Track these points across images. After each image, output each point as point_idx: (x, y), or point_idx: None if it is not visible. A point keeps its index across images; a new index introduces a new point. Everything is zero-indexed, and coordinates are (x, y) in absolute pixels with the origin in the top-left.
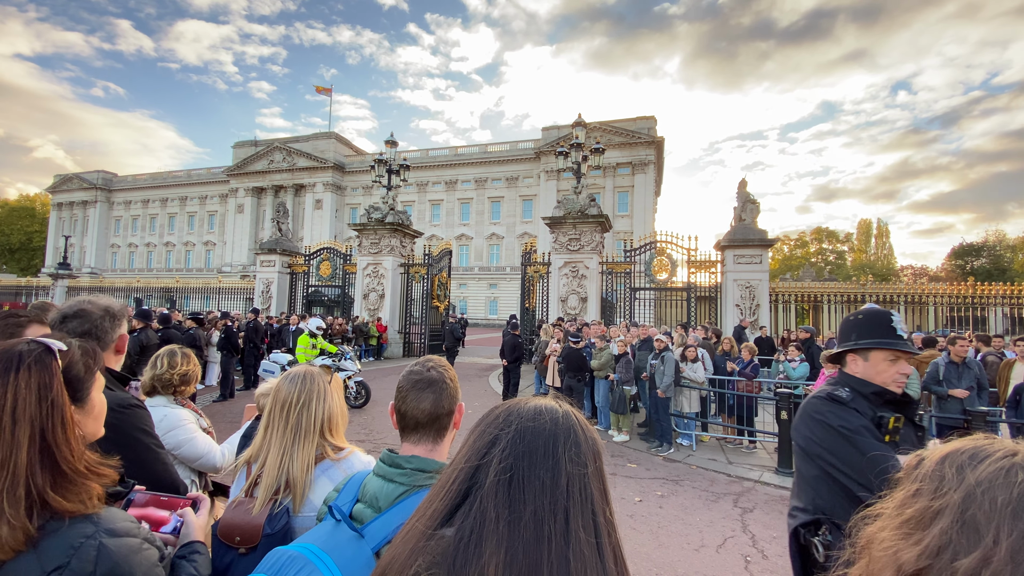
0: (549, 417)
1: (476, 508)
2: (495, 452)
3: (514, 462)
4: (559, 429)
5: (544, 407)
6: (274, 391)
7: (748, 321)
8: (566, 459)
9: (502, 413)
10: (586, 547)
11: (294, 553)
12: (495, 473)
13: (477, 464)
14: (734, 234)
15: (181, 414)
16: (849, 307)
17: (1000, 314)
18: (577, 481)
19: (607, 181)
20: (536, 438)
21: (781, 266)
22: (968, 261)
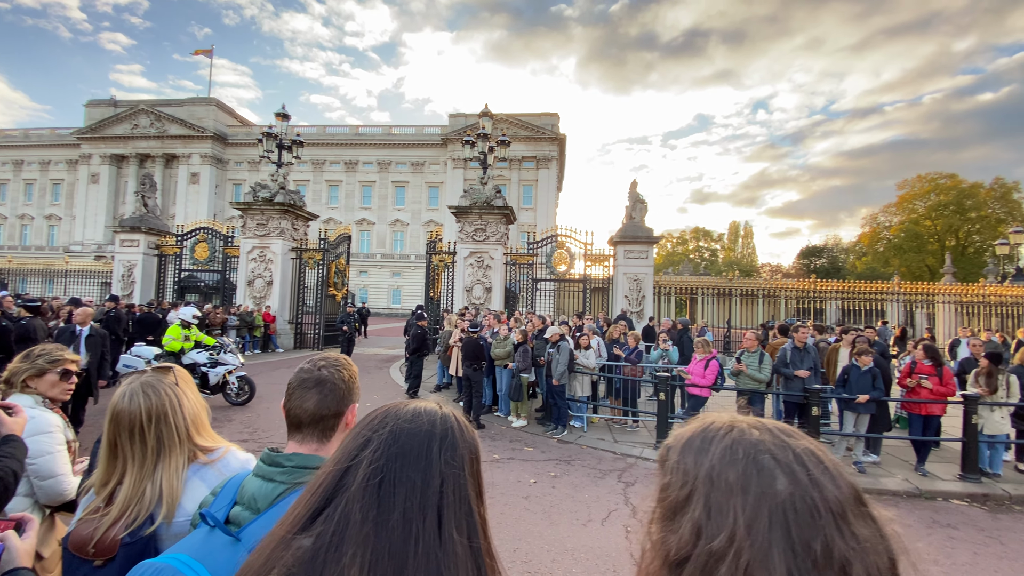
0: (427, 419)
1: (340, 511)
2: (366, 454)
3: (385, 463)
4: (436, 430)
5: (423, 409)
6: (113, 413)
7: (633, 311)
8: (441, 460)
9: (379, 415)
10: (459, 546)
11: (161, 565)
12: (364, 475)
13: (346, 466)
14: (625, 231)
15: (49, 419)
16: (720, 299)
17: (835, 306)
18: (452, 481)
19: (513, 174)
20: (411, 439)
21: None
22: (812, 261)
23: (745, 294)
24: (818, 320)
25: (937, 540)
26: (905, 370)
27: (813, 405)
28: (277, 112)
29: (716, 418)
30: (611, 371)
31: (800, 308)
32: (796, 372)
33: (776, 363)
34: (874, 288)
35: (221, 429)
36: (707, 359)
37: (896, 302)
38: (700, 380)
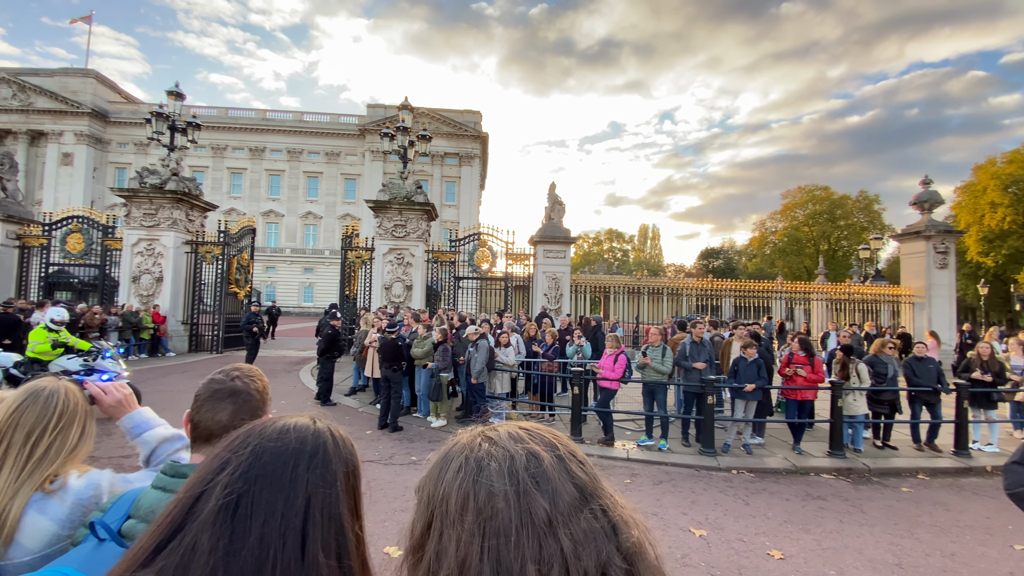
0: (296, 436)
1: (187, 542)
2: (221, 477)
3: (243, 486)
4: (306, 447)
5: (293, 426)
6: (8, 411)
7: (552, 308)
8: (308, 480)
9: (242, 434)
10: (324, 568)
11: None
12: (217, 501)
13: (199, 492)
14: (544, 231)
15: None
16: (631, 296)
17: (729, 303)
18: (320, 501)
19: (435, 169)
20: (275, 459)
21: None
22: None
23: (652, 292)
24: (715, 316)
25: (810, 511)
26: (784, 360)
27: (708, 394)
28: (170, 90)
29: (466, 434)
30: (530, 367)
31: (700, 305)
32: (694, 364)
33: (677, 356)
34: (761, 287)
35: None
36: (616, 353)
37: (780, 299)
38: (610, 373)
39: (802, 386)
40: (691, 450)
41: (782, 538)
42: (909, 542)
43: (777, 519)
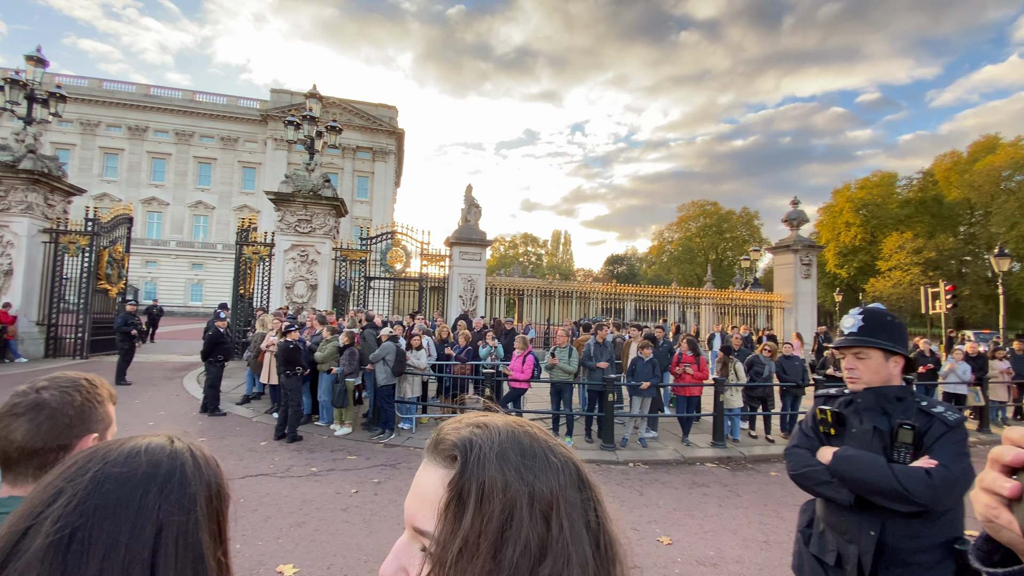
0: (147, 459)
1: None
2: (53, 509)
3: (78, 519)
4: (159, 471)
5: (145, 447)
6: None
7: (468, 310)
8: (159, 507)
9: (81, 459)
10: None
11: None
12: (46, 536)
13: (26, 527)
14: (460, 233)
15: None
16: (543, 299)
17: (631, 306)
18: (174, 529)
19: (347, 163)
20: (120, 486)
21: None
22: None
23: (563, 295)
24: (618, 318)
25: (695, 497)
26: (674, 360)
27: (609, 392)
28: (29, 55)
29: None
30: (442, 370)
31: (605, 308)
32: (597, 364)
33: (583, 356)
34: (659, 292)
35: None
36: (524, 354)
37: (674, 304)
38: (519, 374)
39: (689, 383)
40: (593, 445)
41: (671, 524)
42: (775, 521)
43: (667, 507)
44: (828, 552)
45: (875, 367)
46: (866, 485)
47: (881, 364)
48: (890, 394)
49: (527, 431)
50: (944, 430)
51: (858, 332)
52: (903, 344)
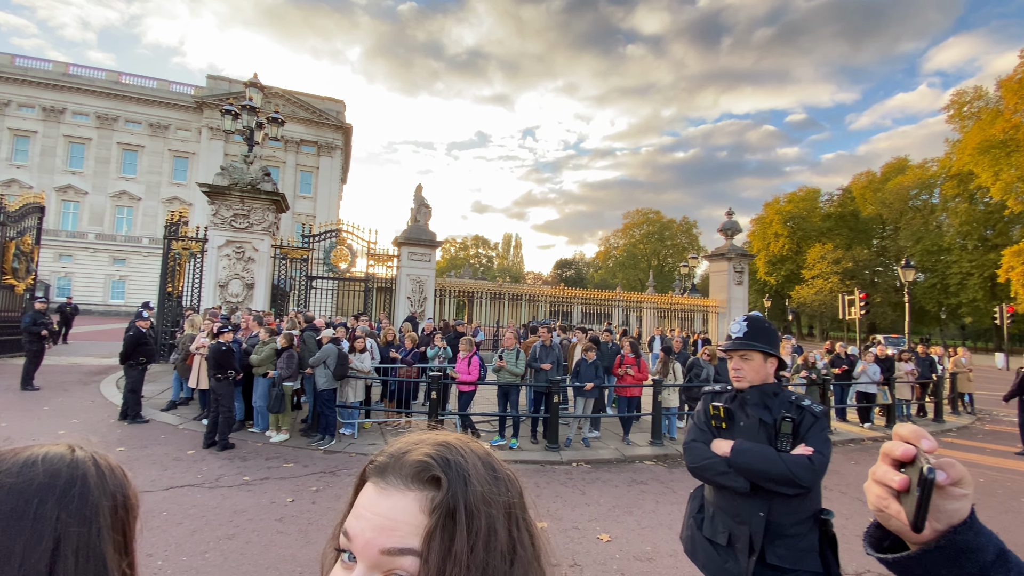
0: (45, 468)
1: None
2: None
3: None
4: (57, 481)
5: (42, 456)
6: None
7: (416, 312)
8: (59, 517)
9: None
10: None
11: None
12: None
13: None
14: (409, 233)
15: None
16: (493, 301)
17: (579, 309)
18: (73, 540)
19: (289, 156)
20: (15, 497)
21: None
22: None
23: (513, 298)
24: (565, 321)
25: (634, 495)
26: (616, 361)
27: (555, 394)
28: None
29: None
30: (387, 374)
31: (553, 311)
32: (541, 365)
33: (529, 358)
34: (604, 296)
35: None
36: (469, 356)
37: (619, 307)
38: (465, 376)
39: (631, 384)
40: (539, 446)
41: (611, 522)
42: None
43: (607, 505)
44: (720, 534)
45: (757, 367)
46: (762, 473)
47: (761, 365)
48: (769, 390)
49: (480, 446)
50: (813, 420)
51: (743, 337)
52: (777, 347)
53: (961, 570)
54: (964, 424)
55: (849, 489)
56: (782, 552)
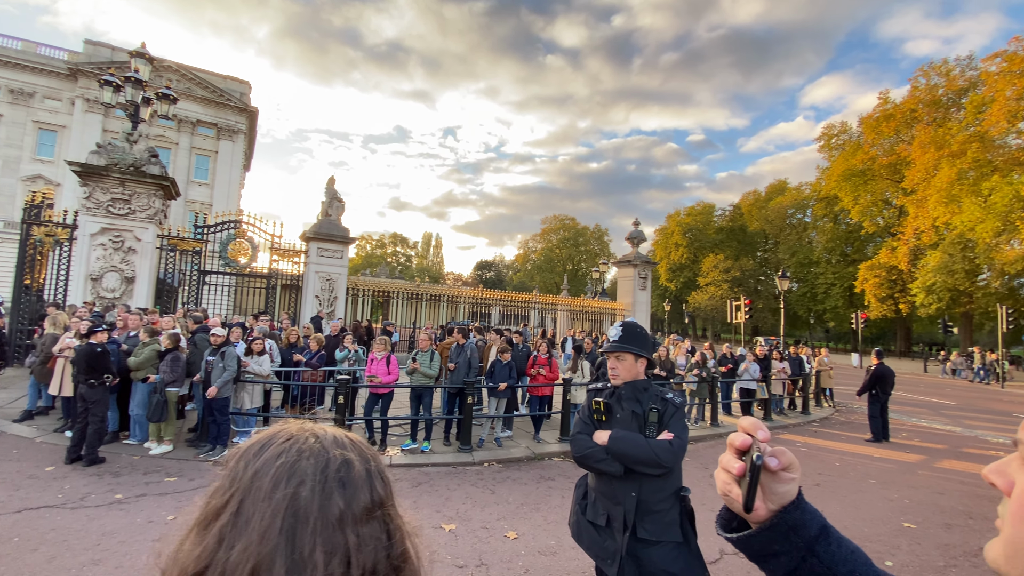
0: None
1: None
2: None
3: None
4: None
5: None
6: None
7: (325, 312)
8: None
9: None
10: None
11: None
12: None
13: None
14: (320, 228)
15: None
16: (412, 302)
17: (498, 311)
18: None
19: (183, 138)
20: None
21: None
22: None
23: (432, 298)
24: (483, 322)
25: (542, 491)
26: (529, 362)
27: (468, 394)
28: None
29: (290, 426)
30: (289, 377)
31: (472, 312)
32: (449, 365)
33: (450, 360)
34: (522, 298)
35: None
36: (387, 356)
37: (536, 309)
38: (386, 378)
39: (542, 383)
40: (451, 448)
41: (518, 519)
42: None
43: (516, 503)
44: (600, 516)
45: (629, 366)
46: (633, 458)
47: (633, 364)
48: (640, 386)
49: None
50: (674, 411)
51: (618, 340)
52: (647, 349)
53: (791, 544)
54: (826, 415)
55: None
56: (650, 526)
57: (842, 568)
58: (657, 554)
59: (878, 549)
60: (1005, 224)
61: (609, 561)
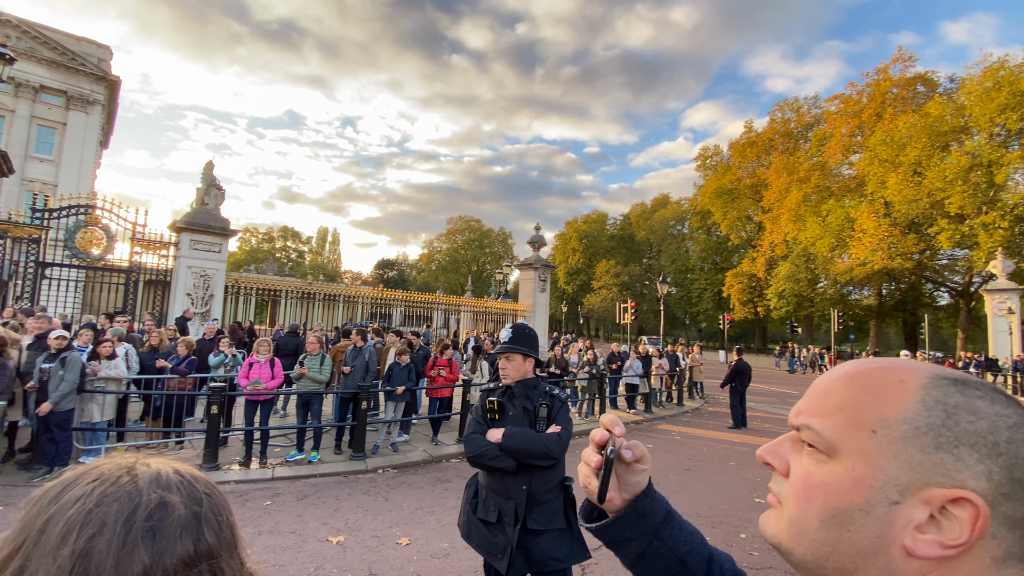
0: None
1: None
2: None
3: None
4: None
5: None
6: None
7: (193, 312)
8: None
9: None
10: None
11: None
12: None
13: None
14: (194, 217)
15: None
16: (303, 302)
17: (400, 312)
18: None
19: (22, 104)
20: None
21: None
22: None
23: (328, 298)
24: (383, 323)
25: (437, 494)
26: (429, 363)
27: (362, 400)
28: None
29: (108, 462)
30: (150, 386)
31: (373, 313)
32: (343, 369)
33: (342, 364)
34: (425, 299)
35: None
36: (270, 359)
37: (439, 310)
38: (270, 384)
39: (442, 385)
40: (342, 457)
41: (411, 525)
42: None
43: (410, 508)
44: (491, 512)
45: (518, 366)
46: (525, 452)
47: (521, 364)
48: (530, 384)
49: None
50: (560, 405)
51: (508, 342)
52: (535, 350)
53: (640, 530)
54: (697, 407)
55: None
56: (538, 517)
57: (682, 548)
58: (544, 542)
59: (735, 523)
60: (838, 241)
61: (499, 556)
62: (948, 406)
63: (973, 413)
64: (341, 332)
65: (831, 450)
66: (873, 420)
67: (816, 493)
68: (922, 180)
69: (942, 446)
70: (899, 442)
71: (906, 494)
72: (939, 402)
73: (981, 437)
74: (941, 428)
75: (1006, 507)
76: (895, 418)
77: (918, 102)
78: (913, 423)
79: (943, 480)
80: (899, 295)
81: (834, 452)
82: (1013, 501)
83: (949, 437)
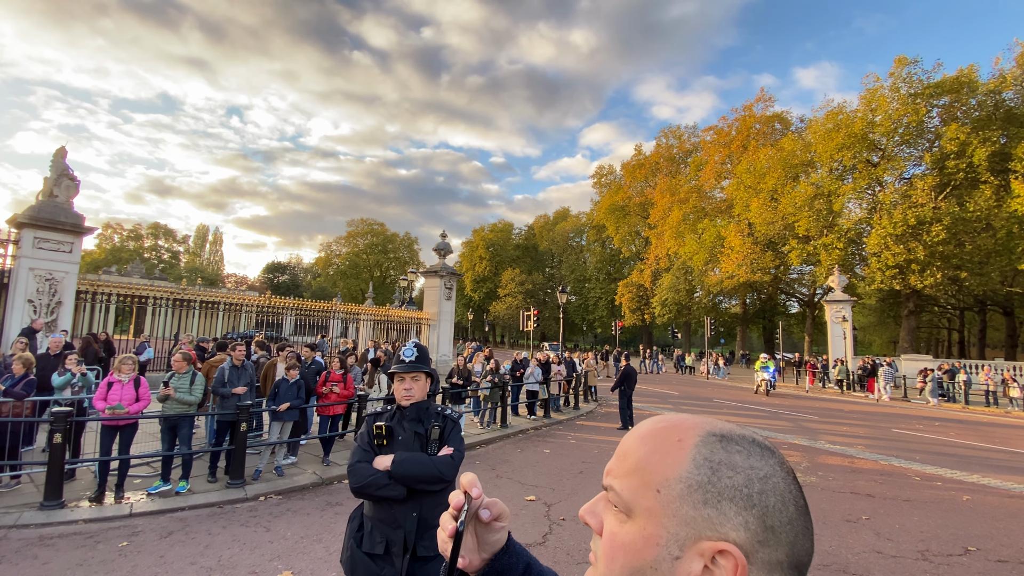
0: None
1: None
2: None
3: None
4: None
5: None
6: None
7: (43, 322)
8: None
9: None
10: None
11: None
12: None
13: None
14: (39, 211)
15: None
16: (176, 309)
17: (291, 320)
18: None
19: None
20: None
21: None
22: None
23: (207, 305)
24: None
25: (327, 519)
26: (321, 379)
27: (242, 421)
28: None
29: None
30: None
31: (260, 321)
32: (233, 390)
33: (214, 383)
34: (321, 307)
35: None
36: (134, 379)
37: (337, 319)
38: (134, 407)
39: (335, 401)
40: (217, 485)
41: (296, 556)
42: None
43: (295, 537)
44: (378, 544)
45: (423, 386)
46: (417, 478)
47: (425, 384)
48: (423, 405)
49: None
50: (453, 425)
51: (415, 360)
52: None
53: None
54: (591, 409)
55: (515, 475)
56: (428, 543)
57: None
58: (434, 569)
59: None
60: (711, 256)
61: None
62: (713, 463)
63: (732, 468)
64: (218, 345)
65: (628, 510)
66: (658, 480)
67: (618, 553)
68: (777, 205)
69: (709, 502)
70: (677, 500)
71: (684, 548)
72: (707, 460)
73: (738, 491)
74: (707, 484)
75: (763, 553)
76: (673, 477)
77: (775, 137)
78: (687, 481)
79: (711, 533)
80: (759, 304)
81: (631, 512)
82: (769, 547)
83: (713, 492)
